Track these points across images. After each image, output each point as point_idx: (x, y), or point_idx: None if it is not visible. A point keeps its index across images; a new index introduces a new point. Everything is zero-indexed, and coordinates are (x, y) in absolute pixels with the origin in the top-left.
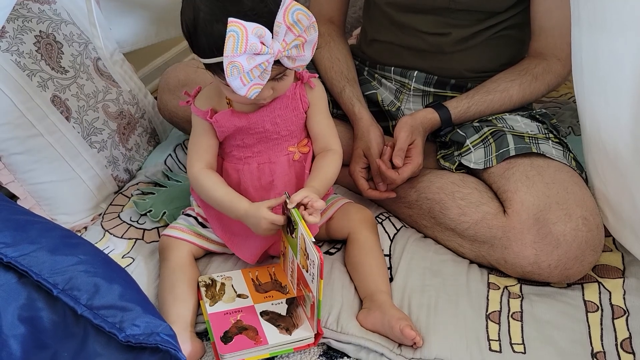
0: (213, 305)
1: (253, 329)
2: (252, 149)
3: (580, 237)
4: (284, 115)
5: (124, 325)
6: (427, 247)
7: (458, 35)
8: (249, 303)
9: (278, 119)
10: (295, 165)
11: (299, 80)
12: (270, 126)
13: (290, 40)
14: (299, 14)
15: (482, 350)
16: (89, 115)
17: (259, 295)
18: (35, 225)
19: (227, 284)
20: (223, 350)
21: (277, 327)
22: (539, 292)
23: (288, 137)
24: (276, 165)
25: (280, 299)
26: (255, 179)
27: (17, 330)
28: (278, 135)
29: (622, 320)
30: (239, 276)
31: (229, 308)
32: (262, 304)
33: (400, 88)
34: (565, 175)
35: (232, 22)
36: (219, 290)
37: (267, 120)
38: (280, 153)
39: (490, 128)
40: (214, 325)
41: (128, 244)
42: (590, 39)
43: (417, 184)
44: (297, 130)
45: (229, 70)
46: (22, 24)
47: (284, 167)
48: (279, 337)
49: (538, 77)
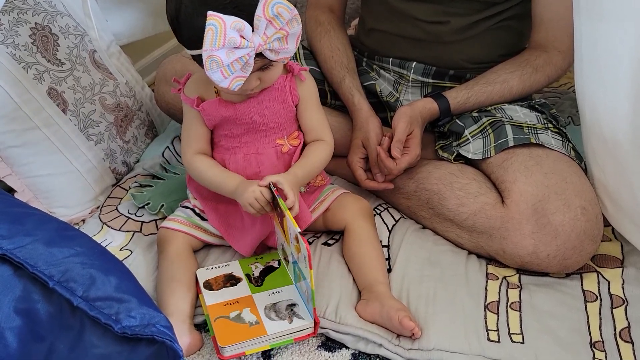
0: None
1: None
2: (240, 139)
3: (579, 227)
4: (272, 107)
5: (120, 317)
6: (426, 237)
7: (457, 24)
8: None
9: (266, 110)
10: (284, 157)
11: (290, 73)
12: (258, 117)
13: (272, 34)
14: (279, 7)
15: (480, 341)
16: (85, 107)
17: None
18: (31, 218)
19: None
20: (223, 342)
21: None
22: (537, 282)
23: (276, 130)
24: (263, 156)
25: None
26: (241, 169)
27: (13, 322)
28: (266, 127)
29: (621, 310)
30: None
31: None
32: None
33: (399, 79)
34: (564, 165)
35: (211, 16)
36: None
37: (255, 111)
38: (268, 145)
39: (489, 118)
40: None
41: (126, 236)
42: (590, 29)
43: (416, 174)
44: (285, 122)
45: (208, 64)
46: (17, 16)
47: (272, 159)
48: (278, 327)
49: (539, 69)
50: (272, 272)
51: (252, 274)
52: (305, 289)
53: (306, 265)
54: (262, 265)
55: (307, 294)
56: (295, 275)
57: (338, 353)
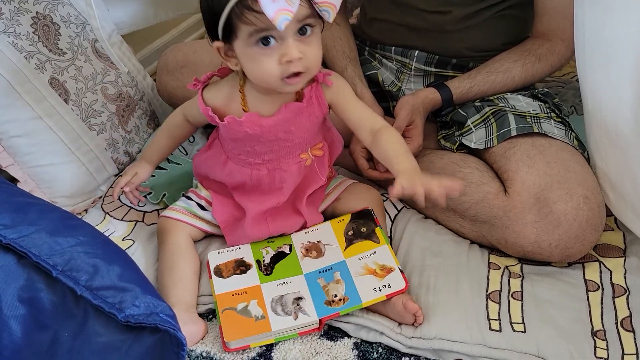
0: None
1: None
2: (263, 157)
3: (581, 216)
4: (298, 123)
5: (124, 306)
6: (428, 227)
7: (459, 13)
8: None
9: (292, 127)
10: (306, 170)
11: (315, 82)
12: (283, 134)
13: None
14: None
15: (482, 330)
16: (87, 97)
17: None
18: (34, 207)
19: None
20: (229, 338)
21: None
22: (539, 272)
23: (301, 144)
24: (286, 173)
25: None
26: (266, 185)
27: (17, 311)
28: (291, 142)
29: (622, 299)
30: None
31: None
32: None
33: (401, 68)
34: (567, 154)
35: None
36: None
37: (281, 129)
38: (292, 160)
39: (492, 108)
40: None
41: (128, 226)
42: (593, 18)
43: (418, 164)
44: (310, 136)
45: None
46: (18, 5)
47: (294, 175)
48: (283, 323)
49: (541, 57)
50: (282, 259)
51: (263, 260)
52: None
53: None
54: (273, 251)
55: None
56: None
57: (340, 342)
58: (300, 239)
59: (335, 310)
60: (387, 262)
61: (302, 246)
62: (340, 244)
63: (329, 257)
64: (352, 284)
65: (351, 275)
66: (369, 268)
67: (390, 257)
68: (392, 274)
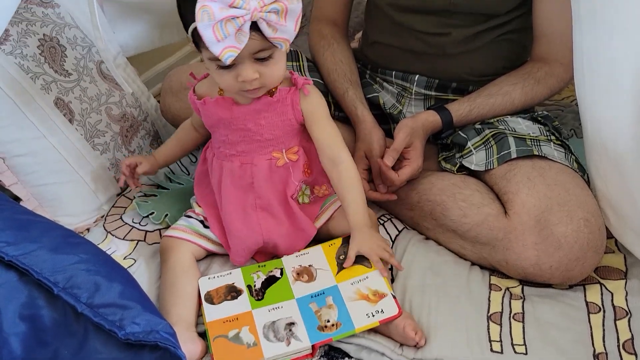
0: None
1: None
2: (236, 147)
3: (581, 238)
4: (268, 118)
5: (124, 323)
6: (429, 248)
7: (458, 35)
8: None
9: (262, 120)
10: (279, 171)
11: (294, 86)
12: (253, 126)
13: (269, 2)
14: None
15: (483, 351)
16: (92, 117)
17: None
18: (36, 225)
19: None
20: None
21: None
22: (540, 294)
23: (273, 142)
24: (257, 168)
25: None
26: (237, 178)
27: (18, 328)
28: (261, 137)
29: (624, 322)
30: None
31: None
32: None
33: (402, 92)
34: (567, 176)
35: None
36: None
37: (250, 118)
38: (263, 157)
39: (492, 130)
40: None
41: (130, 245)
42: (592, 41)
43: (419, 186)
44: (283, 136)
45: (200, 14)
46: (25, 27)
47: (264, 171)
48: (275, 350)
49: (540, 80)
50: (273, 283)
51: (254, 285)
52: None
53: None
54: (264, 275)
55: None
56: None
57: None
58: (291, 263)
59: (328, 335)
60: (379, 287)
61: (293, 270)
62: (332, 268)
63: (320, 281)
64: (344, 309)
65: (344, 300)
66: (362, 293)
67: (383, 283)
68: (385, 299)
